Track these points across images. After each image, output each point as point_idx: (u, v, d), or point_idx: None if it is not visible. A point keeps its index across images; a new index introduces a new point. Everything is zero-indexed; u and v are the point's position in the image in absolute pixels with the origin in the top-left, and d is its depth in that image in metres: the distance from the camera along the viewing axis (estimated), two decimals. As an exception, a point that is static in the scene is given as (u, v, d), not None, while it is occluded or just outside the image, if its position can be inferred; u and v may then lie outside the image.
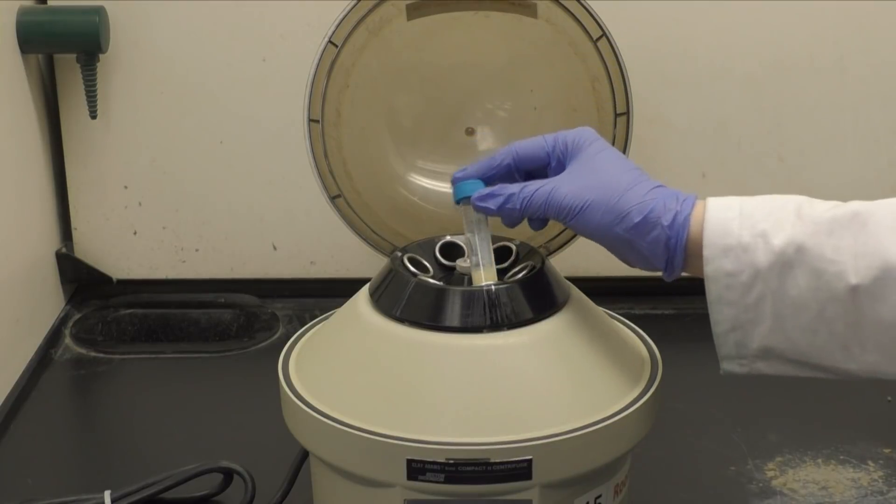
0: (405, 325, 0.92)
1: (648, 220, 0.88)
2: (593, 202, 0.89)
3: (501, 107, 1.15)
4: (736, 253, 0.87)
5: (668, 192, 0.90)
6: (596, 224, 0.89)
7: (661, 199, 0.89)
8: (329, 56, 1.07)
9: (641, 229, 0.88)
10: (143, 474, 1.04)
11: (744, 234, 0.87)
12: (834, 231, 0.85)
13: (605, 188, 0.89)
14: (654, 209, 0.88)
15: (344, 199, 1.09)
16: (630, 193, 0.89)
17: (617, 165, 0.91)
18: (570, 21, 1.07)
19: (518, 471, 0.86)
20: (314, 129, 1.08)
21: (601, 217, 0.89)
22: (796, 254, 0.85)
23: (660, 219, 0.88)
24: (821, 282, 0.84)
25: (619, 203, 0.89)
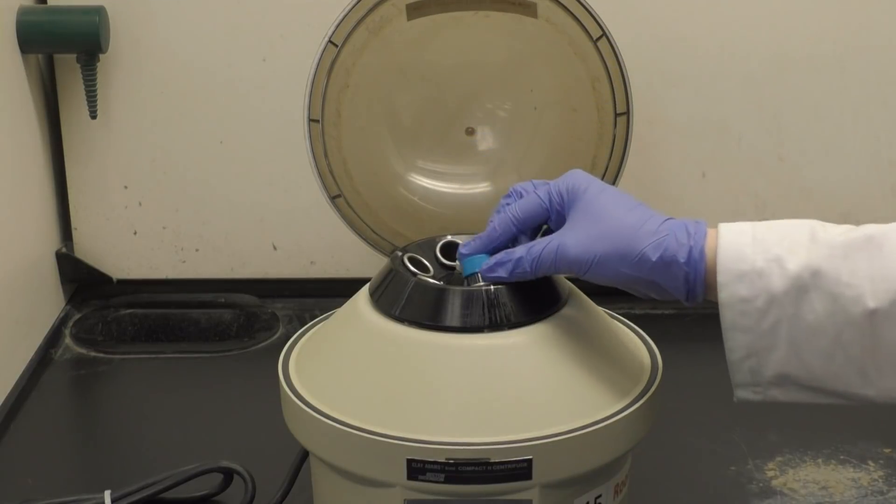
0: (405, 324, 0.91)
1: (664, 260, 0.86)
2: (604, 253, 0.87)
3: (501, 107, 1.15)
4: (750, 278, 0.85)
5: (676, 225, 0.87)
6: (612, 273, 0.88)
7: (671, 234, 0.87)
8: (329, 56, 1.07)
9: (658, 270, 0.87)
10: (143, 474, 1.03)
11: (758, 258, 0.85)
12: (849, 254, 0.83)
13: (613, 236, 0.87)
14: (667, 247, 0.86)
15: (344, 199, 1.09)
16: (639, 236, 0.87)
17: (618, 207, 0.88)
18: (570, 21, 1.07)
19: (518, 471, 0.86)
20: (314, 129, 1.08)
21: (615, 265, 0.87)
22: (812, 278, 0.83)
23: (675, 256, 0.86)
24: (837, 306, 0.83)
25: (630, 249, 0.87)
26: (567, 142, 1.12)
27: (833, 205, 1.41)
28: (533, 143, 1.14)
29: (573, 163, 1.11)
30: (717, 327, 1.41)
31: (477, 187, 1.16)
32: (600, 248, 0.87)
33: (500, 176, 1.15)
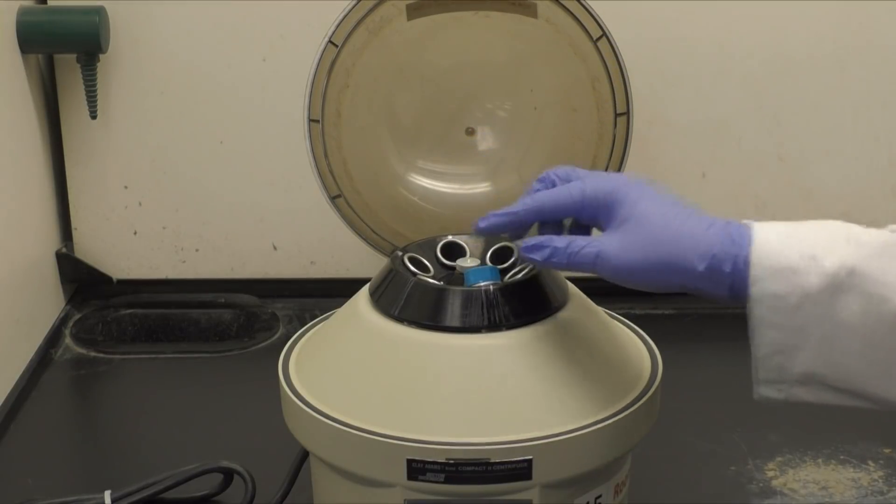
0: (405, 324, 0.91)
1: (710, 270, 0.84)
2: (646, 266, 0.85)
3: (501, 107, 1.15)
4: (785, 275, 0.83)
5: (721, 233, 0.85)
6: (654, 282, 0.86)
7: (717, 244, 0.84)
8: (329, 56, 1.07)
9: (703, 279, 0.85)
10: (143, 474, 1.03)
11: (793, 256, 0.84)
12: (886, 254, 0.82)
13: (656, 249, 0.85)
14: (714, 256, 0.84)
15: (344, 199, 1.09)
16: (683, 248, 0.84)
17: (661, 216, 0.85)
18: (570, 21, 1.07)
19: (518, 471, 0.86)
20: (314, 129, 1.08)
21: (658, 276, 0.85)
22: (848, 277, 0.82)
23: (721, 266, 0.84)
24: (871, 306, 0.82)
25: (674, 261, 0.84)
26: (567, 142, 1.12)
27: (833, 205, 1.41)
28: (533, 143, 1.14)
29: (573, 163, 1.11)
30: (717, 327, 1.42)
31: (477, 187, 1.16)
32: (642, 260, 0.85)
33: (500, 176, 1.15)
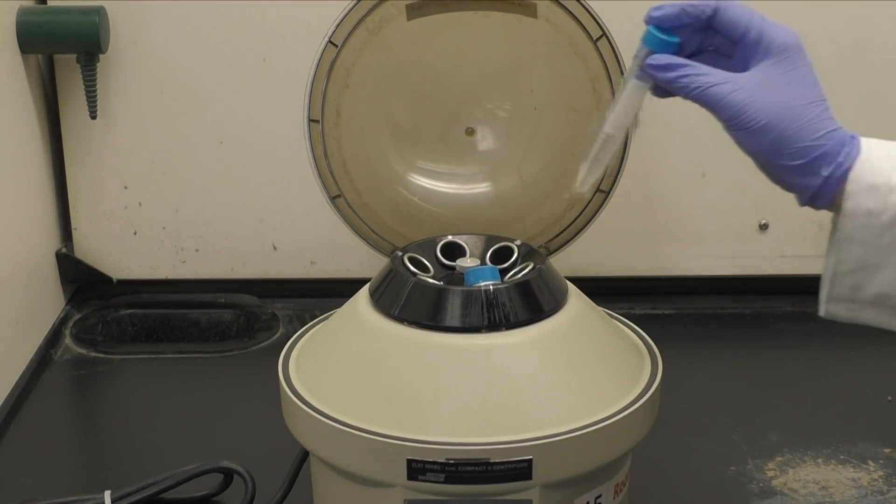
0: (405, 324, 0.92)
1: (812, 165, 0.85)
2: (768, 124, 0.84)
3: (501, 107, 1.15)
4: (882, 192, 0.84)
5: (839, 139, 0.85)
6: (759, 147, 0.86)
7: (832, 144, 0.85)
8: (329, 56, 1.07)
9: (801, 170, 0.85)
10: (143, 474, 1.03)
11: (893, 174, 0.84)
12: None
13: (787, 114, 0.84)
14: (822, 154, 0.85)
15: (344, 199, 1.09)
16: (808, 128, 0.84)
17: (808, 91, 0.85)
18: (570, 21, 1.07)
19: (518, 471, 0.86)
20: (314, 129, 1.08)
21: (767, 142, 0.85)
22: None
23: (821, 167, 0.85)
24: None
25: (793, 136, 0.84)
26: (567, 142, 1.12)
27: (833, 205, 1.41)
28: (533, 143, 1.14)
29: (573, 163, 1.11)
30: (717, 327, 1.42)
31: (477, 187, 1.16)
32: (766, 117, 0.85)
33: (500, 176, 1.15)
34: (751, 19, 0.88)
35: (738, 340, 1.39)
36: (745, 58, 0.88)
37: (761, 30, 0.87)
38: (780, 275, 1.45)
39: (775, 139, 0.85)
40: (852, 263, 0.86)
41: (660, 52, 0.88)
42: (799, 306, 1.43)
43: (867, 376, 1.28)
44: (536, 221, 1.11)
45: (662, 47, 0.88)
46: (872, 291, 0.86)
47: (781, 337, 1.39)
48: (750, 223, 1.44)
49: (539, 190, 1.12)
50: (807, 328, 1.39)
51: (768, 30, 0.87)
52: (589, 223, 1.10)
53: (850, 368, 1.30)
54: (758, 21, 0.88)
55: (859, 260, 0.85)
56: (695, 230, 1.44)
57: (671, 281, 1.45)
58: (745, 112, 0.85)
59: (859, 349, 1.32)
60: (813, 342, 1.37)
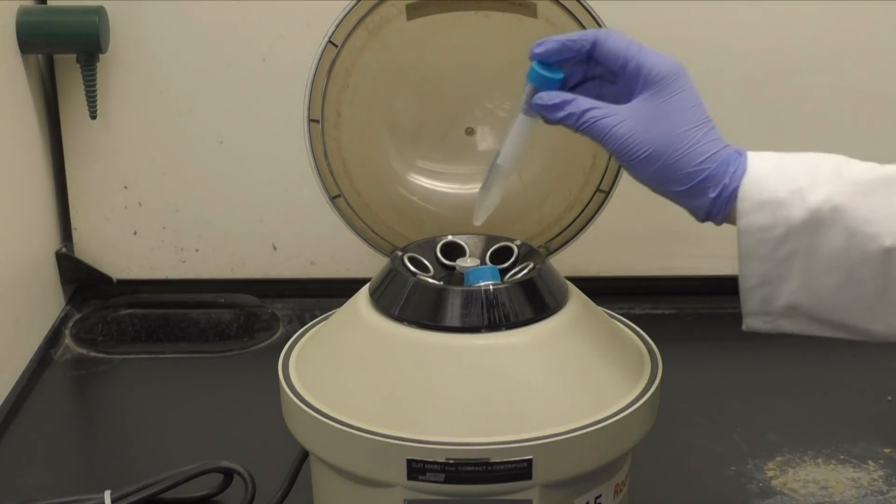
0: (405, 324, 0.92)
1: (698, 188, 0.88)
2: (652, 153, 0.87)
3: (501, 107, 1.15)
4: (771, 208, 0.86)
5: (723, 159, 0.88)
6: (646, 175, 0.88)
7: (716, 167, 0.87)
8: (329, 56, 1.07)
9: (688, 194, 0.88)
10: (143, 474, 1.04)
11: (780, 189, 0.87)
12: (872, 192, 0.85)
13: (669, 142, 0.87)
14: (706, 178, 0.87)
15: (344, 199, 1.09)
16: (691, 154, 0.87)
17: (689, 117, 0.88)
18: (570, 21, 1.07)
19: (518, 471, 0.86)
20: (314, 129, 1.08)
21: (653, 171, 0.88)
22: (832, 213, 0.85)
23: (707, 190, 0.88)
24: (853, 242, 0.84)
25: (677, 163, 0.87)
26: (567, 142, 1.12)
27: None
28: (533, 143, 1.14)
29: (573, 163, 1.11)
30: (717, 327, 1.42)
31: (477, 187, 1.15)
32: (650, 146, 0.87)
33: (500, 176, 1.15)
34: (628, 50, 0.90)
35: (738, 340, 1.38)
36: (629, 86, 0.90)
37: (639, 60, 0.89)
38: (780, 275, 1.44)
39: (661, 168, 0.87)
40: (756, 279, 0.88)
41: (545, 87, 0.91)
42: (799, 306, 1.43)
43: (867, 376, 1.28)
44: (536, 221, 1.11)
45: (547, 83, 0.91)
46: (782, 303, 0.88)
47: (781, 337, 1.38)
48: (750, 223, 1.43)
49: (539, 190, 1.12)
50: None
51: (646, 60, 0.89)
52: (589, 223, 1.10)
53: (850, 368, 1.30)
54: (635, 51, 0.89)
55: (762, 275, 0.88)
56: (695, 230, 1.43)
57: (671, 281, 1.45)
58: (630, 144, 0.87)
59: (859, 349, 1.31)
60: (813, 342, 1.36)
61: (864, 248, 0.84)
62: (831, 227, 0.85)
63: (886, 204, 0.84)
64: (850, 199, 0.85)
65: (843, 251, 0.85)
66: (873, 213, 0.84)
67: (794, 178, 0.87)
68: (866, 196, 0.85)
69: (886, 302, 0.86)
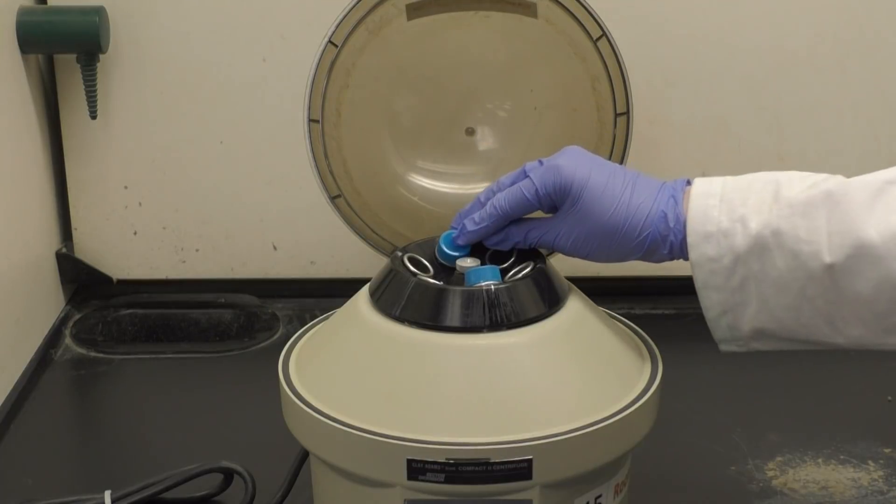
0: (405, 324, 0.91)
1: (650, 252, 0.92)
2: (599, 245, 0.93)
3: (501, 107, 1.15)
4: (717, 238, 0.89)
5: (657, 217, 0.91)
6: (605, 259, 0.94)
7: (653, 229, 0.91)
8: (329, 56, 1.07)
9: (648, 256, 0.93)
10: (143, 474, 1.03)
11: (723, 219, 0.89)
12: (808, 212, 0.87)
13: (605, 232, 0.92)
14: (651, 242, 0.92)
15: (344, 199, 1.09)
16: (624, 236, 0.92)
17: (603, 205, 0.92)
18: (570, 21, 1.07)
19: (518, 471, 0.86)
20: (314, 129, 1.08)
21: (609, 256, 0.94)
22: (773, 237, 0.87)
23: (658, 248, 0.92)
24: (798, 262, 0.87)
25: (621, 243, 0.92)
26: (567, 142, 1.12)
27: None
28: (533, 143, 1.14)
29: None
30: (717, 327, 1.41)
31: (477, 187, 1.15)
32: (590, 245, 0.93)
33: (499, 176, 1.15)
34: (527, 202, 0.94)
35: (738, 340, 1.38)
36: (553, 208, 0.95)
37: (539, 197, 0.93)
38: (780, 275, 1.44)
39: (613, 251, 0.93)
40: (717, 308, 0.92)
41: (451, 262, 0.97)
42: (799, 306, 1.43)
43: (867, 376, 1.28)
44: (536, 221, 1.11)
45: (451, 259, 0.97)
46: (747, 329, 0.92)
47: (781, 337, 1.39)
48: (750, 223, 1.43)
49: (539, 190, 1.12)
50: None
51: (543, 188, 0.93)
52: (589, 223, 1.10)
53: (850, 368, 1.30)
54: (533, 196, 0.93)
55: (722, 303, 0.91)
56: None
57: (671, 281, 1.45)
58: (576, 248, 0.94)
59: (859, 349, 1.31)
60: (813, 342, 1.37)
61: (808, 267, 0.86)
62: (775, 251, 0.87)
63: (823, 221, 0.86)
64: (787, 222, 0.87)
65: (790, 272, 0.87)
66: (811, 233, 0.86)
67: (736, 207, 0.89)
68: (803, 216, 0.87)
69: (840, 316, 0.88)
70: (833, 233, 0.86)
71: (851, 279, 0.85)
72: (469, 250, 0.98)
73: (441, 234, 0.99)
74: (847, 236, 0.85)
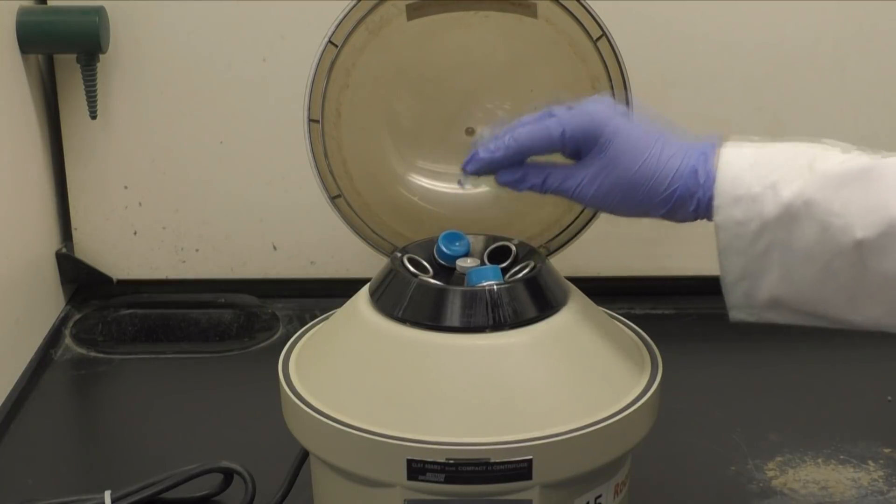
0: (405, 325, 0.91)
1: (675, 209, 0.90)
2: (619, 201, 0.90)
3: (501, 107, 1.15)
4: (746, 203, 0.87)
5: (688, 172, 0.89)
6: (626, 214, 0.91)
7: (682, 183, 0.89)
8: (329, 56, 1.07)
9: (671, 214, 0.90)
10: (143, 474, 1.04)
11: (754, 184, 0.87)
12: (844, 185, 0.85)
13: (631, 184, 0.89)
14: (679, 197, 0.89)
15: (344, 199, 1.09)
16: (653, 188, 0.89)
17: (633, 155, 0.89)
18: (570, 21, 1.07)
19: (518, 471, 0.86)
20: (314, 129, 1.08)
21: (630, 210, 0.90)
22: (804, 207, 0.85)
23: (685, 204, 0.89)
24: (827, 235, 0.85)
25: (644, 199, 0.89)
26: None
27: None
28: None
29: (573, 163, 1.11)
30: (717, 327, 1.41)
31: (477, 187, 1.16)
32: (612, 199, 0.90)
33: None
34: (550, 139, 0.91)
35: (738, 340, 1.38)
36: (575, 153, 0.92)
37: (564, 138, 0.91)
38: (780, 275, 1.45)
39: (635, 205, 0.90)
40: (737, 273, 0.89)
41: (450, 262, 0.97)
42: (799, 306, 1.43)
43: (867, 376, 1.28)
44: (536, 221, 1.11)
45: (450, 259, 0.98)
46: (764, 297, 0.89)
47: (781, 337, 1.38)
48: (750, 223, 1.43)
49: (539, 190, 1.12)
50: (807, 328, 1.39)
51: (570, 131, 0.90)
52: (589, 223, 1.10)
53: (850, 368, 1.30)
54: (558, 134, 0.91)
55: (742, 269, 0.89)
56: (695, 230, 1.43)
57: (671, 281, 1.46)
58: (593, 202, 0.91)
59: (859, 349, 1.32)
60: (813, 342, 1.37)
61: (837, 240, 0.85)
62: (804, 221, 0.86)
63: (858, 196, 0.85)
64: (821, 193, 0.85)
65: (818, 244, 0.86)
66: (844, 207, 0.85)
67: (768, 173, 0.87)
68: (837, 189, 0.85)
69: (863, 293, 0.86)
70: (867, 209, 0.84)
71: (880, 258, 0.84)
72: (469, 249, 0.98)
73: (441, 234, 0.99)
74: (881, 214, 0.83)
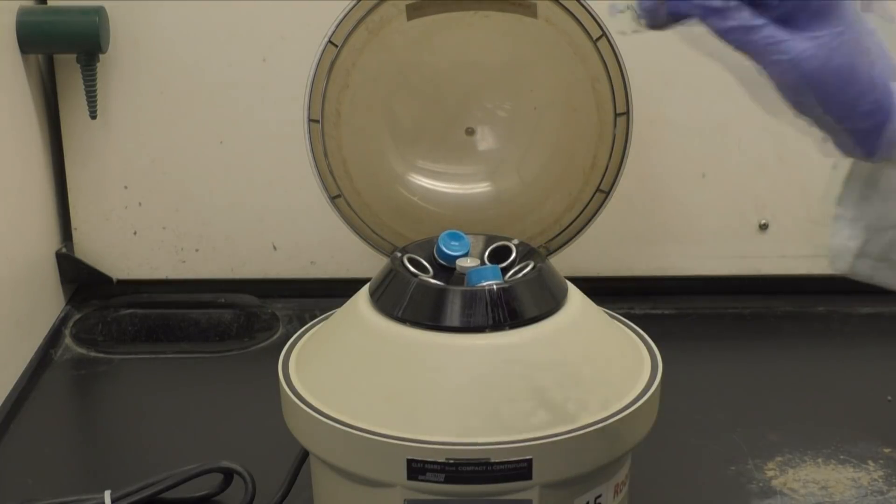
0: (406, 324, 0.91)
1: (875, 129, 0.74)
2: (833, 92, 0.74)
3: (501, 107, 1.15)
4: None
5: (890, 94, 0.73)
6: (815, 114, 0.77)
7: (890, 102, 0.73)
8: (329, 56, 1.07)
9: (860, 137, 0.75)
10: (143, 474, 1.03)
11: None
12: None
13: (848, 74, 0.73)
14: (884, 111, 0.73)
15: (344, 199, 1.09)
16: (868, 88, 0.73)
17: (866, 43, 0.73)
18: (570, 21, 1.07)
19: (518, 471, 0.86)
20: (314, 129, 1.08)
21: (830, 106, 0.75)
22: None
23: (883, 127, 0.74)
24: None
25: (858, 98, 0.73)
26: (567, 142, 1.12)
27: (833, 205, 1.41)
28: (533, 143, 1.14)
29: (573, 163, 1.11)
30: (717, 327, 1.42)
31: (477, 187, 1.16)
32: (833, 82, 0.73)
33: (500, 176, 1.15)
34: None
35: (738, 340, 1.39)
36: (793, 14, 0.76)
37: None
38: (779, 275, 1.45)
39: (844, 103, 0.74)
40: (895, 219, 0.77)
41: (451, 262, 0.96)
42: (799, 306, 1.43)
43: (867, 376, 1.28)
44: (536, 221, 1.11)
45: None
46: None
47: (781, 337, 1.39)
48: (750, 223, 1.44)
49: (539, 190, 1.12)
50: (807, 328, 1.39)
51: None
52: (589, 223, 1.10)
53: (850, 368, 1.30)
54: None
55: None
56: (695, 230, 1.44)
57: (671, 281, 1.46)
58: (813, 81, 0.74)
59: (859, 349, 1.32)
60: (813, 342, 1.37)
61: None
62: None
63: None
64: None
65: None
66: None
67: None
68: None
69: None
70: None
71: None
72: (469, 249, 0.98)
73: (441, 234, 0.99)
74: None
